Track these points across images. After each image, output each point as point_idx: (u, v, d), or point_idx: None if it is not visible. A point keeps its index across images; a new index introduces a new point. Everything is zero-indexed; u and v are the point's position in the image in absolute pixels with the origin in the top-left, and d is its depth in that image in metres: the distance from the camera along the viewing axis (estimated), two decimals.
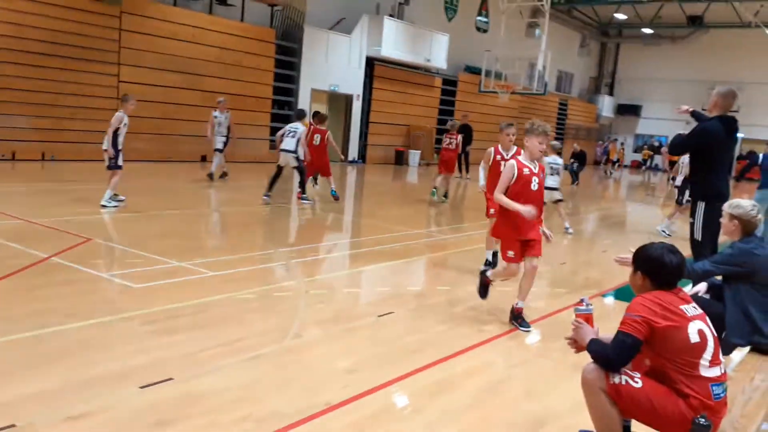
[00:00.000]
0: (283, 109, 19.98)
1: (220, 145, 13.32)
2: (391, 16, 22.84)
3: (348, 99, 22.28)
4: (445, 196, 13.56)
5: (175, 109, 16.60)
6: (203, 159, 17.12)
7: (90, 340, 4.29)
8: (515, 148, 6.74)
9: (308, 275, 6.82)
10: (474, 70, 26.82)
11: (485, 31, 29.47)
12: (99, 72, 14.98)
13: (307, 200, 11.39)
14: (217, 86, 17.29)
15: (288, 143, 11.05)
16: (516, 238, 5.22)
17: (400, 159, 24.19)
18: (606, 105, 39.30)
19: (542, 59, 19.35)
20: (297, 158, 11.13)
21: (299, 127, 11.12)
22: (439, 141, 26.33)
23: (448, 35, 24.97)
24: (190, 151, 16.88)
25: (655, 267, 2.97)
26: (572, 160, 21.03)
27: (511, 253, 5.23)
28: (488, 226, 6.89)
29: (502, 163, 6.32)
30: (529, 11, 25.91)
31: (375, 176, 19.70)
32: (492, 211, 6.39)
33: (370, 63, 22.61)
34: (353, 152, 22.85)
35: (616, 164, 32.90)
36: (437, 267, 7.81)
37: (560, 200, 10.67)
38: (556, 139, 34.87)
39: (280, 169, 11.11)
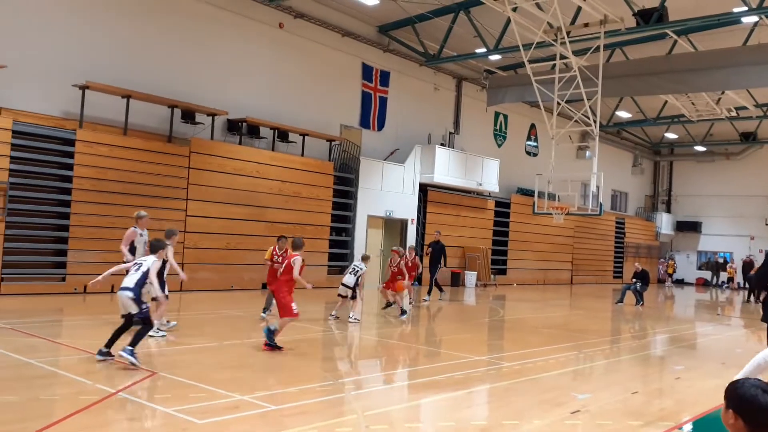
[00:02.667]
0: (341, 236, 20.53)
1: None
2: (442, 145, 23.78)
3: (403, 223, 22.77)
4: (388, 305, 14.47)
5: (238, 239, 17.27)
6: (263, 287, 17.49)
7: None
8: None
9: (367, 408, 6.69)
10: (526, 192, 27.17)
11: (535, 155, 30.15)
12: (168, 207, 15.89)
13: (135, 361, 7.40)
14: (278, 217, 18.04)
15: (129, 280, 7.68)
16: None
17: (457, 280, 24.13)
18: (665, 222, 38.76)
19: (595, 180, 19.49)
20: (137, 300, 7.59)
21: (148, 259, 7.94)
22: (495, 261, 26.33)
23: (499, 160, 25.68)
24: (253, 279, 17.32)
25: (749, 408, 2.82)
26: (634, 280, 20.46)
27: None
28: None
29: None
30: (578, 135, 26.49)
31: (431, 299, 19.57)
32: None
33: (423, 189, 23.29)
34: None
35: None
36: (501, 398, 7.55)
37: (351, 297, 12.42)
38: (616, 258, 34.40)
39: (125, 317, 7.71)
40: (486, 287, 24.69)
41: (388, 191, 21.92)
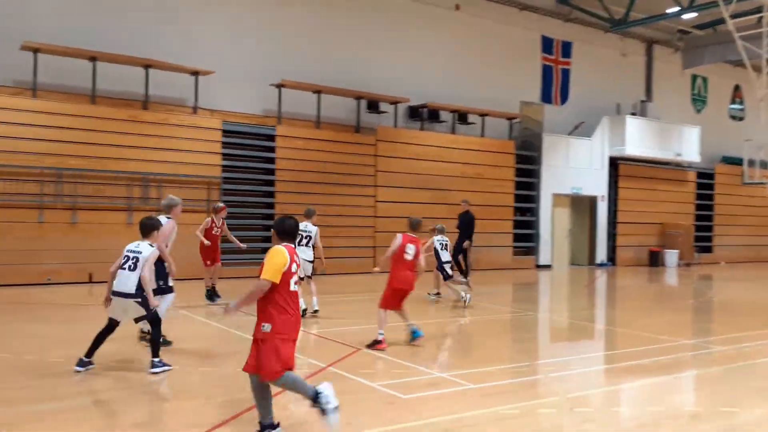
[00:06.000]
0: (525, 216, 20.18)
1: None
2: (633, 114, 22.30)
3: (592, 201, 21.78)
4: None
5: (424, 223, 17.66)
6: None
7: None
8: None
9: (567, 391, 6.54)
10: (733, 161, 24.62)
11: (741, 119, 27.19)
12: (359, 194, 16.72)
13: None
14: (461, 199, 18.14)
15: (122, 282, 6.37)
16: None
17: (655, 260, 22.58)
18: None
19: None
20: (141, 300, 6.38)
21: (145, 249, 6.49)
22: (698, 239, 24.20)
23: (699, 127, 23.50)
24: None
25: None
26: None
27: None
28: None
29: None
30: None
31: (627, 279, 18.56)
32: None
33: (614, 163, 22.05)
34: (601, 254, 21.96)
35: None
36: (714, 383, 6.98)
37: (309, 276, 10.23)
38: None
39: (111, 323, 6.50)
40: (689, 266, 22.83)
41: (574, 167, 21.06)
